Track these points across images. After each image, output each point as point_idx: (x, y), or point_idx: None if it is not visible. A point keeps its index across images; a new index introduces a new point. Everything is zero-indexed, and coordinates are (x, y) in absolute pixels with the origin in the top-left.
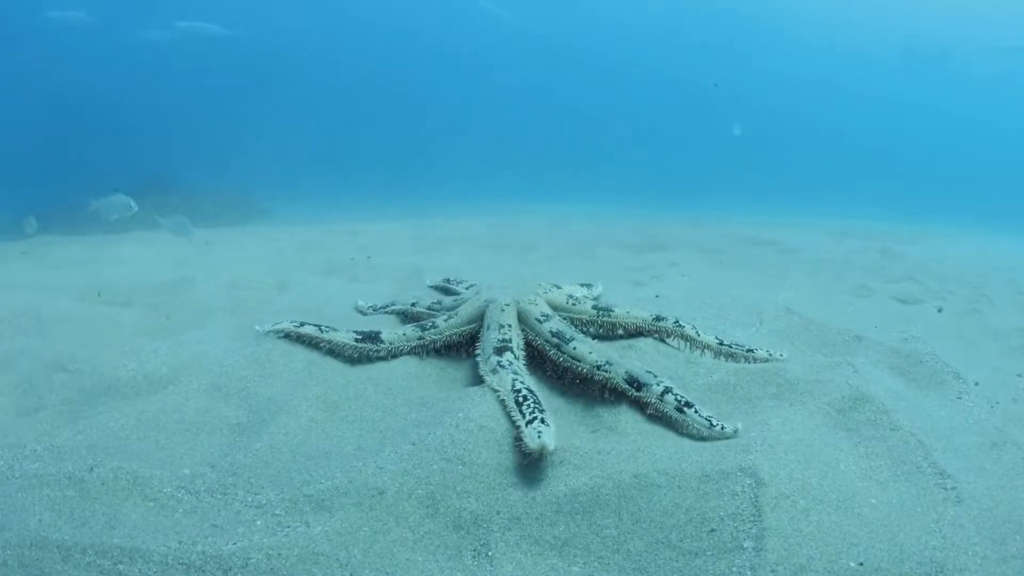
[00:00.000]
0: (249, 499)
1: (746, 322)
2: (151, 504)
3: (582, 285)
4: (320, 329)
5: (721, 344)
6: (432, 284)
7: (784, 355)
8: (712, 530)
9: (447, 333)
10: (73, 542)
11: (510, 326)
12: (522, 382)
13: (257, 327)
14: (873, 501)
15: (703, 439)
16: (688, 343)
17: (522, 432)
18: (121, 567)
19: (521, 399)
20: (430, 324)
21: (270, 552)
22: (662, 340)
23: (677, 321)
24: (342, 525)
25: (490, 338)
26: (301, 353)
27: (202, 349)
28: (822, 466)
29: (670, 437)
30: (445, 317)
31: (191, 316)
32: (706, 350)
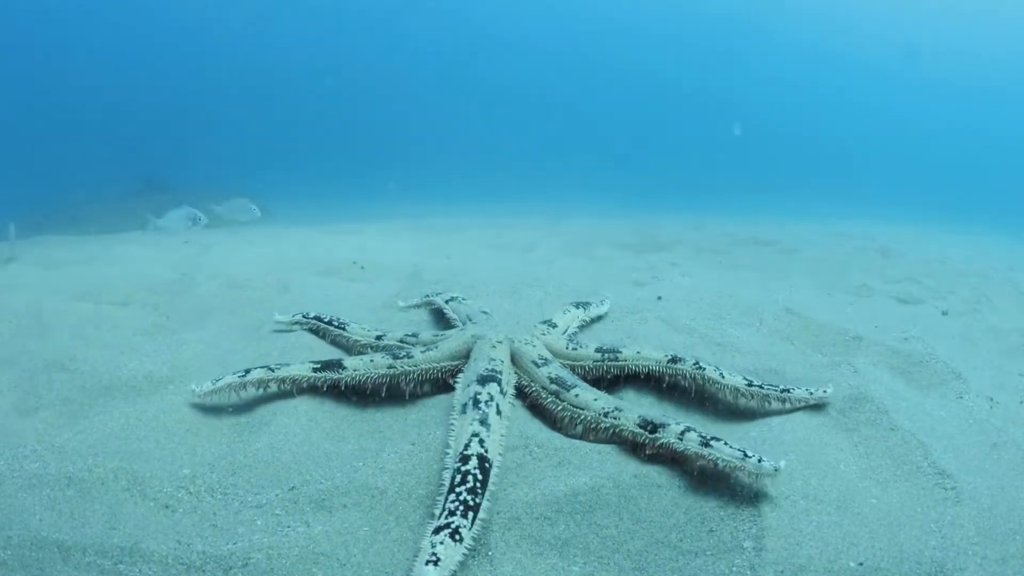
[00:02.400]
0: (249, 499)
1: (746, 322)
2: (151, 504)
3: (578, 306)
4: (269, 369)
5: (750, 385)
6: (410, 304)
7: (828, 391)
8: (712, 530)
9: (423, 366)
10: (73, 542)
11: (502, 362)
12: (481, 444)
13: (194, 387)
14: (873, 501)
15: (735, 471)
16: (712, 387)
17: (421, 544)
18: (121, 567)
19: (460, 477)
20: (404, 353)
21: (270, 552)
22: (680, 386)
23: (697, 363)
24: (342, 525)
25: (478, 367)
26: (303, 352)
27: (202, 349)
28: (822, 466)
29: None
30: (423, 348)
31: (191, 316)
32: (733, 393)
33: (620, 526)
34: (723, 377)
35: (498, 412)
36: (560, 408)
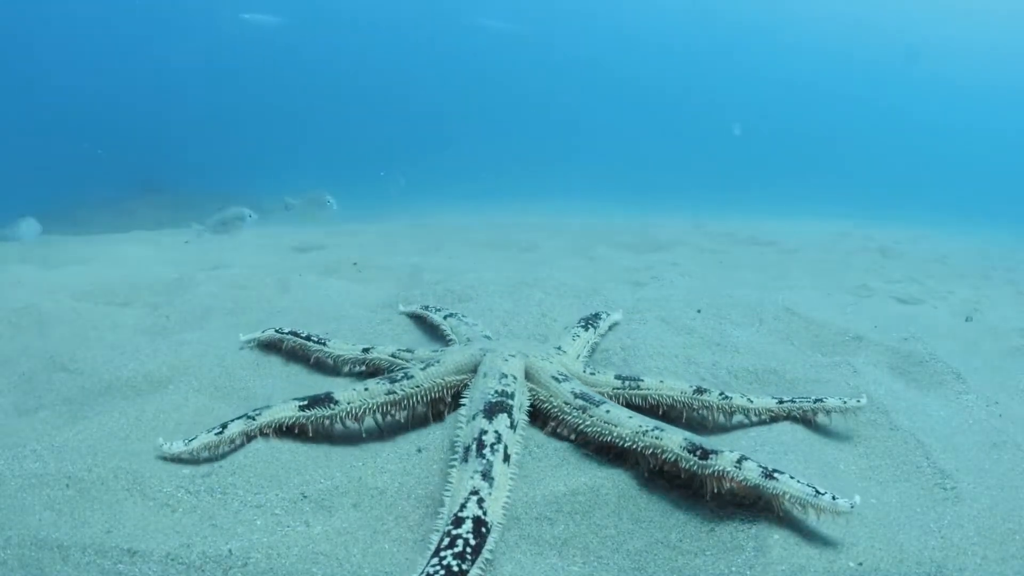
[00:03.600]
0: (249, 499)
1: (746, 322)
2: (151, 504)
3: (587, 327)
4: (248, 419)
5: (782, 403)
6: (409, 310)
7: (863, 400)
8: (712, 530)
9: (426, 385)
10: (73, 542)
11: (515, 378)
12: (480, 504)
13: (162, 441)
14: (873, 501)
15: (803, 508)
16: (741, 414)
17: None
18: (121, 567)
19: (449, 541)
20: (401, 375)
21: (270, 552)
22: (704, 417)
23: (723, 393)
24: (342, 525)
25: (486, 388)
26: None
27: (202, 349)
28: (822, 465)
29: None
30: (423, 365)
31: (191, 316)
32: (767, 415)
33: (619, 526)
34: (752, 402)
35: (505, 458)
36: (588, 423)
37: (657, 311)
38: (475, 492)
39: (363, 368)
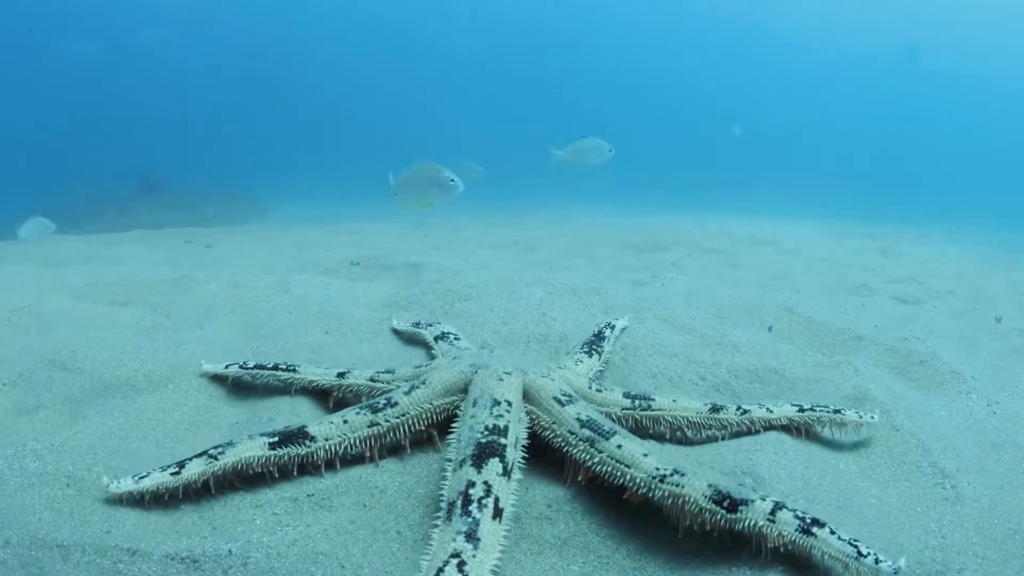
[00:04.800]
0: (249, 498)
1: (746, 322)
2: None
3: (591, 352)
4: (210, 459)
5: (802, 410)
6: (401, 328)
7: (875, 417)
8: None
9: (413, 412)
10: (73, 541)
11: (510, 405)
12: (461, 568)
13: (107, 480)
14: (873, 501)
15: (843, 568)
16: (760, 427)
17: None
18: (120, 566)
19: None
20: (384, 402)
21: (270, 551)
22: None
23: (739, 407)
24: (342, 524)
25: (475, 423)
26: (303, 352)
27: (202, 348)
28: (822, 465)
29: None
30: (407, 388)
31: (191, 315)
32: (788, 421)
33: (620, 526)
34: (771, 411)
35: (496, 513)
36: (597, 460)
37: (657, 310)
38: (456, 555)
39: (347, 393)
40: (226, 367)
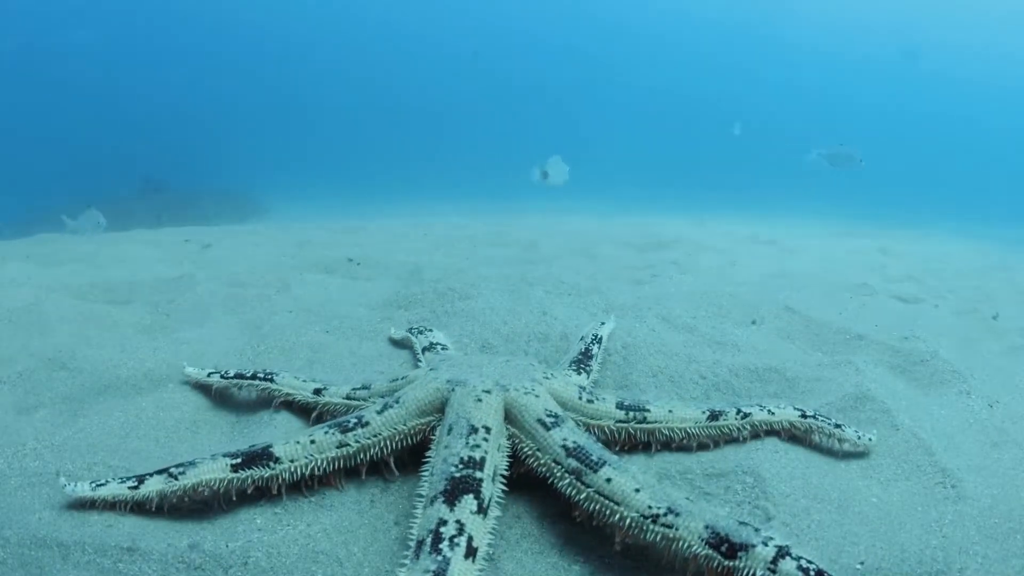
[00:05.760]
0: (249, 497)
1: (746, 321)
2: None
3: (579, 370)
4: (170, 477)
5: (804, 416)
6: (398, 337)
7: (873, 439)
8: None
9: (385, 433)
10: (73, 540)
11: (488, 431)
12: None
13: (64, 481)
14: (874, 500)
15: None
16: (761, 429)
17: None
18: (121, 566)
19: None
20: (354, 421)
21: (270, 550)
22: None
23: (739, 410)
24: (342, 523)
25: (449, 455)
26: (303, 352)
27: (202, 347)
28: (823, 464)
29: None
30: (380, 407)
31: (191, 314)
32: (789, 426)
33: None
34: (772, 414)
35: (469, 552)
36: (583, 497)
37: (658, 309)
38: None
39: (323, 410)
40: (208, 375)
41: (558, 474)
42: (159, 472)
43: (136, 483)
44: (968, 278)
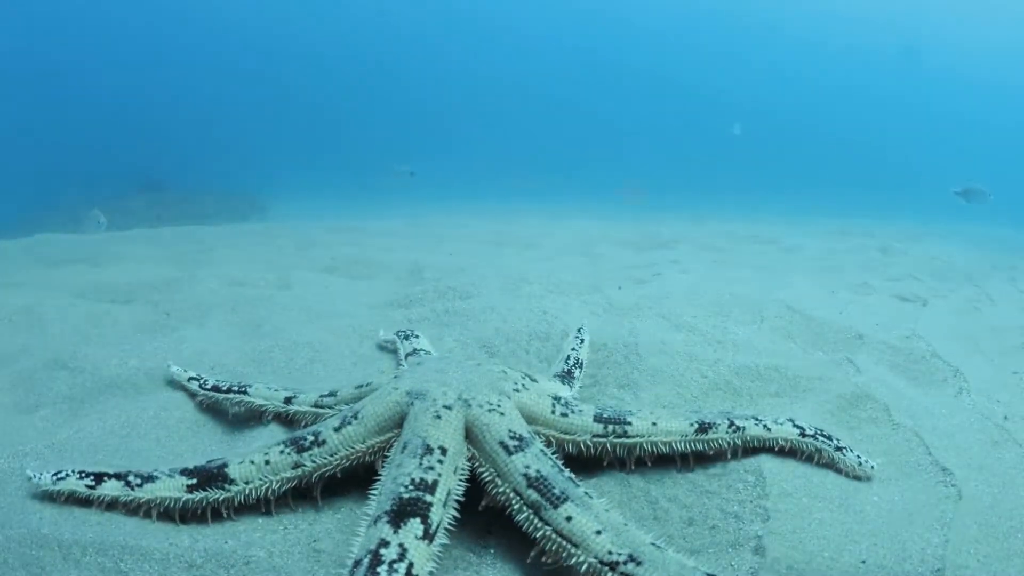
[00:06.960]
0: None
1: (747, 320)
2: None
3: (564, 380)
4: (127, 486)
5: (803, 435)
6: (386, 339)
7: (874, 466)
8: (714, 527)
9: (343, 453)
10: (74, 540)
11: (444, 452)
12: None
13: (31, 473)
14: (875, 499)
15: None
16: (755, 445)
17: None
18: (122, 565)
19: None
20: (311, 439)
21: (271, 550)
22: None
23: (731, 423)
24: (344, 522)
25: (400, 474)
26: (304, 351)
27: (202, 346)
28: (823, 464)
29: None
30: (337, 422)
31: (191, 314)
32: (786, 444)
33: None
34: (769, 430)
35: None
36: (541, 535)
37: (658, 308)
38: None
39: (295, 418)
40: (188, 379)
41: (516, 506)
42: (118, 477)
43: (94, 482)
44: (969, 277)
